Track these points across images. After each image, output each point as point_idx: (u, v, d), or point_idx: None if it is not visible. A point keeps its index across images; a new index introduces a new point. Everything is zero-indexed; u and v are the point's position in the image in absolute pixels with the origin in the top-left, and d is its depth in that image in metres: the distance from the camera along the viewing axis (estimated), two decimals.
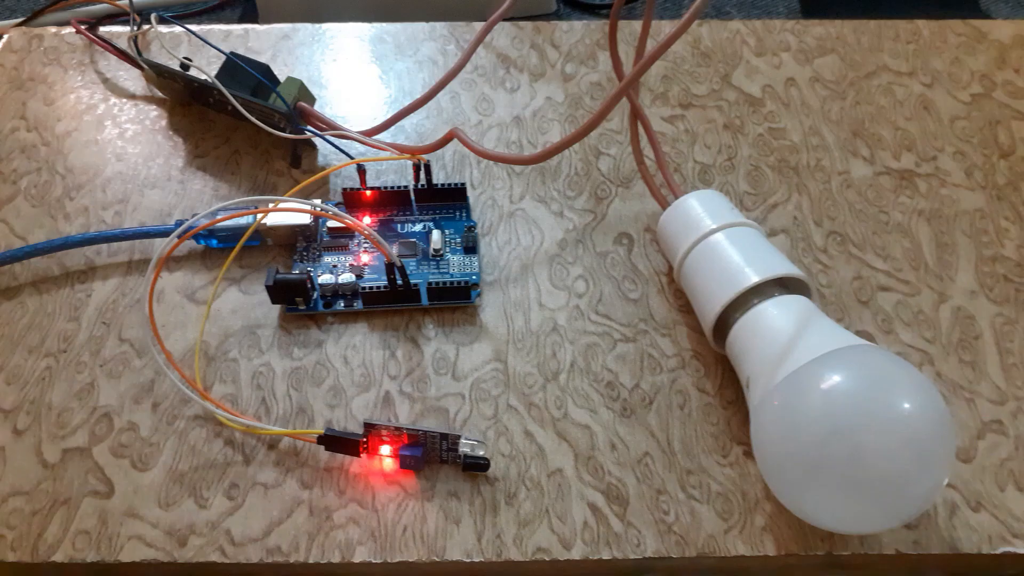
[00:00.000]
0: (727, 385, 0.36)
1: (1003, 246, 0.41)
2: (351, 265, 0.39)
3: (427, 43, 0.51)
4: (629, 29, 0.51)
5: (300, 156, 0.44)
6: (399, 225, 0.41)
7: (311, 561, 0.32)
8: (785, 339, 0.31)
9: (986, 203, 0.43)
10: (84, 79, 0.49)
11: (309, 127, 0.44)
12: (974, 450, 0.34)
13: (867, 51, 0.50)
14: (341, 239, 0.40)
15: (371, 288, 0.38)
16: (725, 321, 0.34)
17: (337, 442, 0.33)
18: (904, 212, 0.42)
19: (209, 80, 0.43)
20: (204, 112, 0.47)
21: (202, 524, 0.32)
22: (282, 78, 0.44)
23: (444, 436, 0.33)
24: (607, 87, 0.48)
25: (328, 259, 0.40)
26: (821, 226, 0.42)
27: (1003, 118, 0.46)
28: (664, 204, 0.39)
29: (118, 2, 0.56)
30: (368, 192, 0.41)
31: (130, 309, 0.39)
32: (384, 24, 0.52)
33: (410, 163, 0.41)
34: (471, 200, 0.43)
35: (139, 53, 0.47)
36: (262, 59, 0.45)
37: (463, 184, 0.42)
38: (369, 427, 0.33)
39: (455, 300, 0.38)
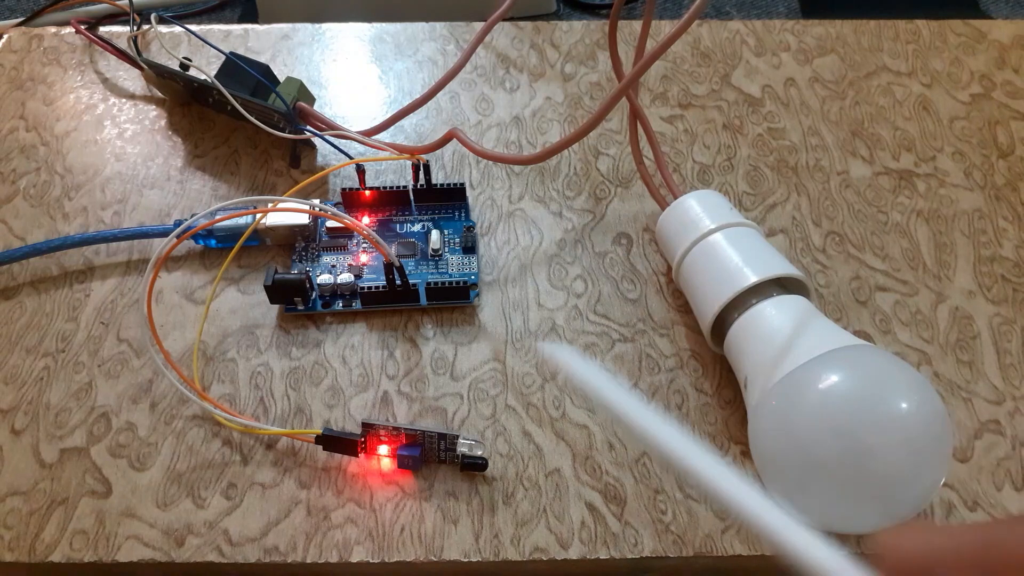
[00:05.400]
0: (725, 385, 0.36)
1: (1001, 246, 0.41)
2: (350, 265, 0.39)
3: (427, 43, 0.51)
4: (629, 29, 0.51)
5: (299, 156, 0.44)
6: (398, 225, 0.41)
7: (309, 561, 0.32)
8: (783, 339, 0.31)
9: (984, 203, 0.43)
10: (84, 79, 0.49)
11: (308, 127, 0.44)
12: (971, 450, 0.34)
13: (867, 51, 0.50)
14: (340, 239, 0.40)
15: (370, 288, 0.38)
16: (723, 321, 0.34)
17: (335, 442, 0.33)
18: (903, 212, 0.42)
19: (209, 80, 0.43)
20: (203, 112, 0.47)
21: (200, 524, 0.32)
22: (282, 78, 0.44)
23: (442, 436, 0.33)
24: (607, 87, 0.48)
25: (327, 259, 0.40)
26: (820, 226, 0.42)
27: (1002, 118, 0.46)
28: (663, 204, 0.39)
29: (118, 2, 0.56)
30: (367, 192, 0.41)
31: (128, 309, 0.39)
32: (384, 24, 0.53)
33: (409, 163, 0.41)
34: (470, 200, 0.43)
35: (139, 53, 0.47)
36: (262, 59, 0.46)
37: (462, 184, 0.42)
38: (367, 427, 0.33)
39: (454, 300, 0.38)
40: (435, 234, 0.40)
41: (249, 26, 0.52)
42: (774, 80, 0.48)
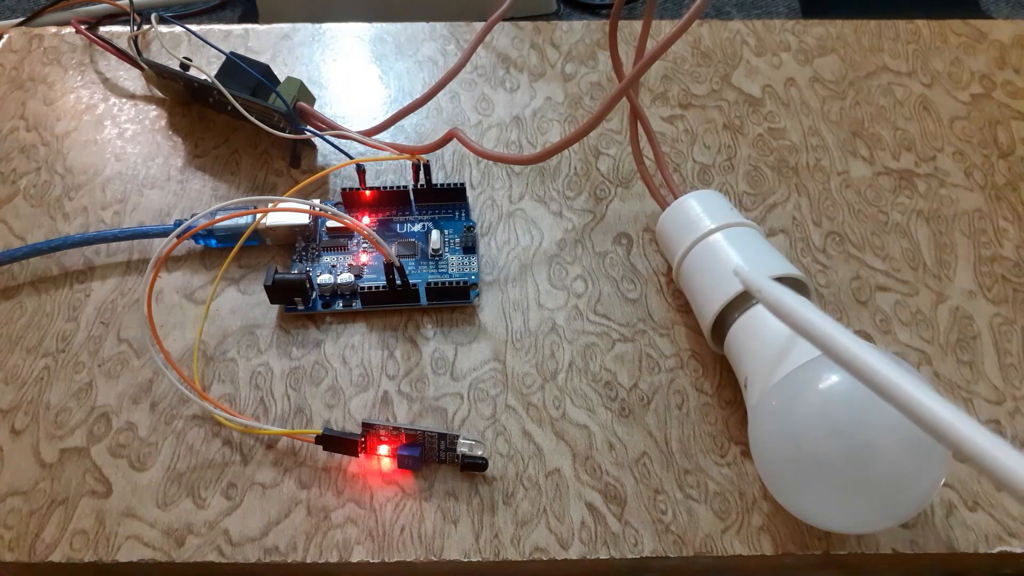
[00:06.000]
0: (725, 385, 0.36)
1: (1001, 246, 0.41)
2: (350, 265, 0.39)
3: (427, 43, 0.51)
4: (629, 29, 0.51)
5: (299, 156, 0.44)
6: (398, 225, 0.41)
7: (309, 561, 0.32)
8: (783, 339, 0.31)
9: (985, 203, 0.43)
10: (84, 79, 0.49)
11: (309, 127, 0.44)
12: None
13: (867, 51, 0.50)
14: (340, 239, 0.40)
15: (370, 288, 0.38)
16: (723, 321, 0.34)
17: (335, 442, 0.33)
18: (903, 212, 0.42)
19: (209, 80, 0.43)
20: (204, 112, 0.47)
21: (200, 524, 0.32)
22: (282, 78, 0.44)
23: (442, 436, 0.33)
24: (607, 87, 0.48)
25: (327, 259, 0.40)
26: (820, 226, 0.42)
27: (1003, 118, 0.46)
28: (663, 204, 0.39)
29: (118, 2, 0.56)
30: (367, 192, 0.41)
31: (129, 309, 0.39)
32: (384, 24, 0.53)
33: (409, 163, 0.41)
34: (470, 200, 0.43)
35: (139, 53, 0.47)
36: (262, 59, 0.46)
37: (462, 184, 0.42)
38: (367, 427, 0.33)
39: (454, 300, 0.38)
40: (435, 234, 0.40)
41: (249, 26, 0.52)
42: (774, 80, 0.48)
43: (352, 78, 0.49)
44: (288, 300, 0.38)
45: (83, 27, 0.50)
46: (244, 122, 0.43)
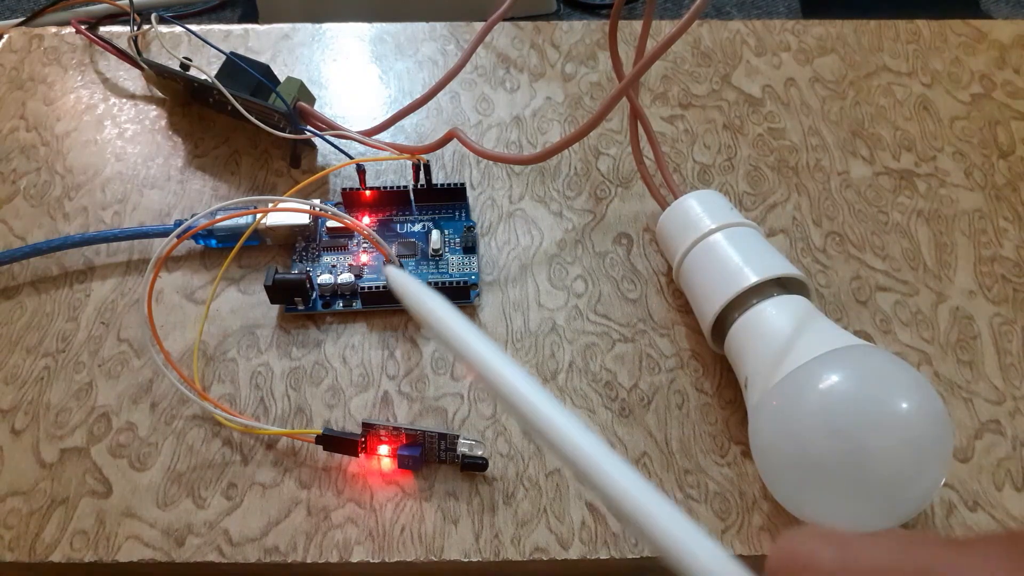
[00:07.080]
0: (725, 385, 0.36)
1: (1002, 246, 0.41)
2: (350, 265, 0.39)
3: (427, 43, 0.51)
4: (629, 29, 0.51)
5: (300, 156, 0.44)
6: (398, 225, 0.41)
7: (309, 561, 0.32)
8: (783, 339, 0.31)
9: (985, 203, 0.43)
10: (84, 79, 0.49)
11: (309, 127, 0.44)
12: (971, 450, 0.34)
13: (867, 51, 0.50)
14: (340, 239, 0.40)
15: (370, 288, 0.38)
16: (724, 321, 0.34)
17: (335, 442, 0.33)
18: (903, 212, 0.42)
19: (209, 80, 0.43)
20: (204, 112, 0.47)
21: (200, 524, 0.32)
22: (282, 78, 0.44)
23: (442, 436, 0.33)
24: (607, 87, 0.48)
25: (327, 259, 0.40)
26: (820, 226, 0.42)
27: (1003, 118, 0.46)
28: (663, 204, 0.39)
29: (118, 2, 0.56)
30: (367, 192, 0.41)
31: (129, 309, 0.39)
32: (384, 24, 0.53)
33: (409, 163, 0.41)
34: (470, 200, 0.43)
35: (139, 53, 0.47)
36: (262, 59, 0.46)
37: (462, 184, 0.42)
38: (367, 427, 0.33)
39: (454, 300, 0.38)
40: (435, 234, 0.40)
41: (249, 26, 0.52)
42: (774, 80, 0.48)
43: (352, 78, 0.49)
44: (288, 300, 0.38)
45: (83, 27, 0.50)
46: (244, 122, 0.43)
